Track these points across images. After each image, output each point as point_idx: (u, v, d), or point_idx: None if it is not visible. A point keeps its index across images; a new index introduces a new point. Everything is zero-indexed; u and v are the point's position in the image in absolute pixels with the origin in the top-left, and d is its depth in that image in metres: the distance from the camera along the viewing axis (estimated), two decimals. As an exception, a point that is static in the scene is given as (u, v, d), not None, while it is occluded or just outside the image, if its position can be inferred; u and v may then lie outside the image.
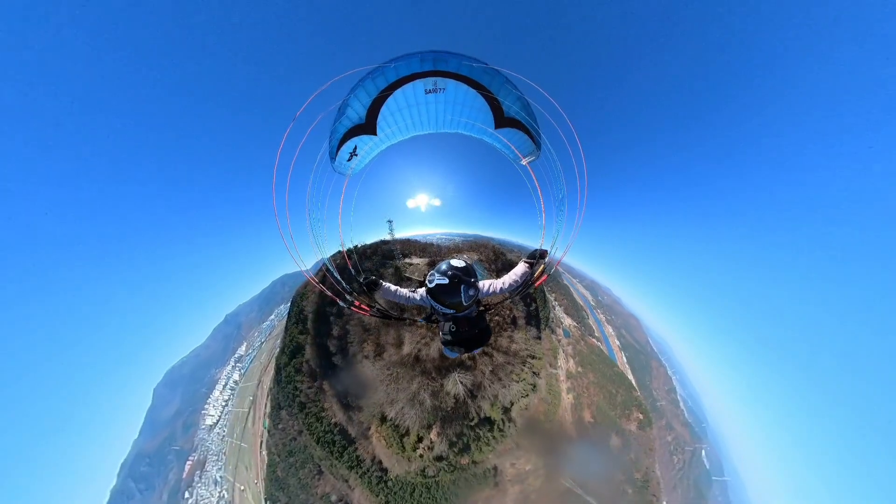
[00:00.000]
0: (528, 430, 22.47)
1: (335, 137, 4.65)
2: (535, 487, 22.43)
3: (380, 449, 23.32)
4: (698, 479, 36.38)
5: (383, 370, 23.13)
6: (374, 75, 4.10)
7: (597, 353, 33.13)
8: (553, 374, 25.95)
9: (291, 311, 31.95)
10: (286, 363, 29.25)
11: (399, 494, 23.00)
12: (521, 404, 23.11)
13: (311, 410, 26.31)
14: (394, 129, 4.83)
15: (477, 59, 3.98)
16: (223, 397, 52.64)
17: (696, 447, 38.02)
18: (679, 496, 32.35)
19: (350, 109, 4.39)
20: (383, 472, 23.46)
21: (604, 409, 26.83)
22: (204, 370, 66.47)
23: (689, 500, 33.50)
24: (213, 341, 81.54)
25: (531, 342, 25.57)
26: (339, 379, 25.63)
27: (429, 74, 4.09)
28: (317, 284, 4.21)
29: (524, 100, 4.28)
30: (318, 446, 25.18)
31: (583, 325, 37.72)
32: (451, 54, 3.98)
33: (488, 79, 4.12)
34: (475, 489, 22.31)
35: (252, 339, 65.54)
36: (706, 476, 37.79)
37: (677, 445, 36.62)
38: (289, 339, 30.12)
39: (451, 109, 4.61)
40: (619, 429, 26.32)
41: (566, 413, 25.66)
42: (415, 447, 22.22)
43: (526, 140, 4.60)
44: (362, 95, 4.27)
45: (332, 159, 4.89)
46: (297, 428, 28.07)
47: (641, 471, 25.18)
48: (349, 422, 25.02)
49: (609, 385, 28.62)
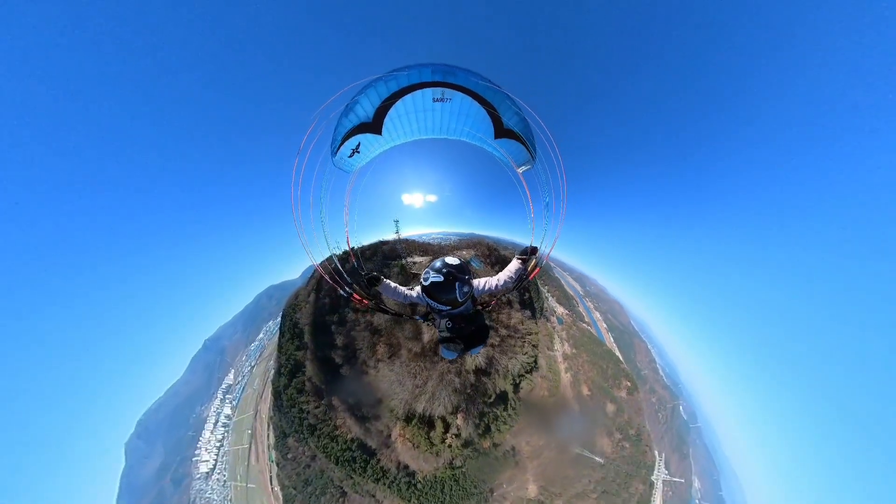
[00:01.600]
0: (536, 409, 24.92)
1: (339, 132, 4.75)
2: (551, 459, 25.11)
3: (405, 453, 23.05)
4: (679, 428, 45.42)
5: (403, 368, 22.54)
6: (387, 79, 4.36)
7: (588, 336, 37.67)
8: (552, 356, 29.14)
9: (284, 327, 30.01)
10: (285, 385, 27.50)
11: (430, 494, 22.96)
12: (527, 386, 24.68)
13: (323, 431, 24.95)
14: (399, 131, 5.09)
15: (482, 77, 4.46)
16: (216, 437, 47.07)
17: (674, 404, 47.10)
18: (666, 443, 40.24)
19: (359, 107, 4.56)
20: (411, 475, 23.22)
21: (598, 381, 31.13)
22: (186, 410, 58.95)
23: (674, 446, 41.67)
24: (192, 374, 72.17)
25: (526, 322, 27.11)
26: (349, 391, 24.42)
27: (438, 85, 4.43)
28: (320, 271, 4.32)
29: (522, 115, 4.82)
30: (338, 467, 24.02)
31: (574, 313, 42.30)
32: (459, 69, 4.40)
33: (491, 94, 4.58)
34: (498, 471, 23.76)
35: (240, 365, 59.54)
36: (685, 425, 47.21)
37: (660, 404, 45.04)
38: (285, 359, 28.30)
39: (455, 118, 5.04)
40: (612, 397, 30.83)
41: (567, 389, 29.08)
42: (443, 438, 22.37)
43: (522, 151, 5.09)
44: (373, 95, 4.48)
45: (333, 154, 4.95)
46: (308, 453, 26.69)
47: (634, 427, 29.99)
48: (367, 434, 24.13)
49: (600, 362, 33.02)
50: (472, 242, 37.05)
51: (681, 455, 40.91)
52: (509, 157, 5.20)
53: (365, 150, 5.10)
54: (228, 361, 63.59)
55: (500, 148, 5.14)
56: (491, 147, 5.29)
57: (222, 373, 60.35)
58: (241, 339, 69.02)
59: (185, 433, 53.33)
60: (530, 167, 5.20)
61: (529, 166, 5.20)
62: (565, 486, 26.09)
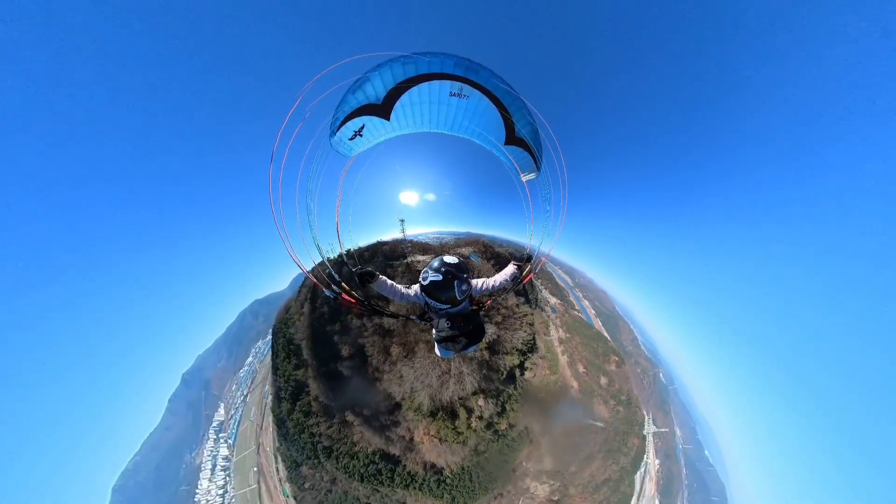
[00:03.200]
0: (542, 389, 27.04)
1: (343, 109, 4.24)
2: (560, 432, 27.88)
3: (430, 451, 22.87)
4: (660, 390, 54.51)
5: (424, 361, 22.06)
6: (405, 61, 3.99)
7: (579, 322, 42.59)
8: (549, 341, 32.25)
9: (276, 345, 28.17)
10: (289, 410, 25.33)
11: (461, 485, 23.11)
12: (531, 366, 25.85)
13: (341, 451, 23.46)
14: (409, 119, 4.71)
15: (503, 80, 4.24)
16: (216, 485, 40.91)
17: (655, 371, 56.62)
18: (651, 404, 48.17)
19: (369, 85, 4.11)
20: (439, 473, 23.01)
21: (591, 359, 35.43)
22: (174, 461, 50.71)
23: (658, 405, 50.08)
24: (174, 417, 61.34)
25: (521, 306, 28.73)
26: (363, 402, 23.23)
27: (458, 79, 4.17)
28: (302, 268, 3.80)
29: (535, 126, 4.74)
30: (363, 484, 22.95)
31: (566, 302, 47.35)
32: (483, 67, 4.19)
33: (509, 100, 4.44)
34: (517, 450, 25.28)
35: (230, 396, 52.24)
36: (664, 388, 56.96)
37: (643, 373, 53.31)
38: (283, 381, 26.25)
39: (469, 117, 4.69)
40: (604, 371, 35.41)
41: (565, 368, 32.31)
42: (468, 423, 22.63)
43: (529, 161, 5.04)
44: (387, 75, 4.07)
45: (333, 134, 4.47)
46: (327, 478, 24.84)
47: (625, 394, 34.90)
48: (389, 442, 23.24)
49: (591, 342, 37.73)
50: (468, 241, 38.62)
51: (664, 412, 49.61)
52: (516, 165, 5.14)
53: (368, 134, 4.62)
54: (216, 394, 56.01)
55: (509, 154, 5.07)
56: (500, 152, 5.18)
57: (210, 409, 53.11)
58: (227, 367, 61.25)
59: (177, 488, 46.30)
60: (535, 177, 5.18)
61: (534, 175, 5.17)
62: (575, 452, 29.20)
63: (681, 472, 46.81)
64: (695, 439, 58.10)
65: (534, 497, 27.16)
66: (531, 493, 27.11)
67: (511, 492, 26.31)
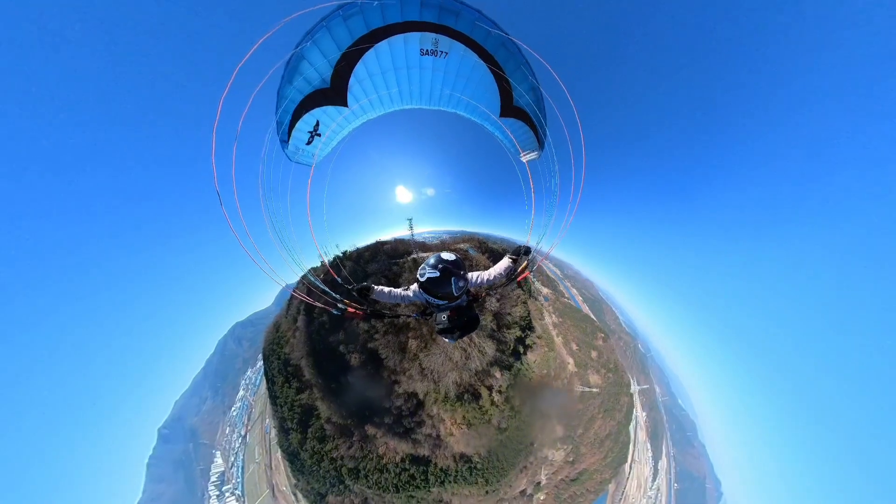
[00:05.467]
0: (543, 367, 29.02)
1: (285, 108, 2.99)
2: (564, 403, 31.36)
3: (458, 441, 22.73)
4: (641, 358, 64.47)
5: (444, 344, 21.45)
6: (348, 14, 2.57)
7: (569, 308, 47.91)
8: (544, 325, 35.46)
9: (270, 371, 25.20)
10: (300, 441, 23.03)
11: (491, 467, 23.54)
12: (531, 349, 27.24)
13: (368, 468, 22.04)
14: (372, 98, 3.33)
15: (497, 25, 2.86)
16: None
17: (635, 343, 64.92)
18: (635, 369, 56.85)
19: (306, 65, 2.77)
20: (468, 460, 23.08)
21: (581, 338, 40.16)
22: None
23: (639, 369, 59.84)
24: (159, 483, 49.56)
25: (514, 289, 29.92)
26: (383, 410, 21.66)
27: (429, 28, 2.77)
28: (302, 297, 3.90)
29: (539, 90, 3.41)
30: (400, 494, 22.13)
31: (556, 291, 52.80)
32: (464, 6, 2.75)
33: (505, 53, 3.06)
34: (531, 425, 27.01)
35: (225, 442, 44.79)
36: (643, 356, 67.62)
37: (626, 345, 62.52)
38: (287, 410, 23.59)
39: (451, 82, 3.38)
40: (593, 346, 40.50)
41: (561, 348, 35.95)
42: (491, 400, 23.13)
43: (530, 136, 3.87)
44: (327, 45, 2.68)
45: (285, 142, 3.30)
46: (357, 501, 23.56)
47: (612, 363, 40.00)
48: (416, 445, 22.32)
49: (581, 324, 42.65)
50: (463, 239, 39.76)
51: (644, 374, 59.68)
52: (516, 141, 3.95)
53: (327, 129, 3.37)
54: (206, 443, 47.92)
55: (507, 128, 3.81)
56: (494, 126, 3.93)
57: (205, 462, 45.35)
58: (214, 408, 52.03)
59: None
60: (537, 156, 4.04)
61: (536, 155, 4.03)
62: (580, 416, 33.38)
63: (662, 419, 56.71)
64: (670, 392, 69.30)
65: (552, 463, 30.05)
66: (550, 461, 29.90)
67: (533, 463, 28.40)
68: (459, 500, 24.07)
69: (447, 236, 51.38)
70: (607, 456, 34.27)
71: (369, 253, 27.50)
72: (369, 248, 28.17)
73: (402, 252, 28.15)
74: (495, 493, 25.56)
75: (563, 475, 31.14)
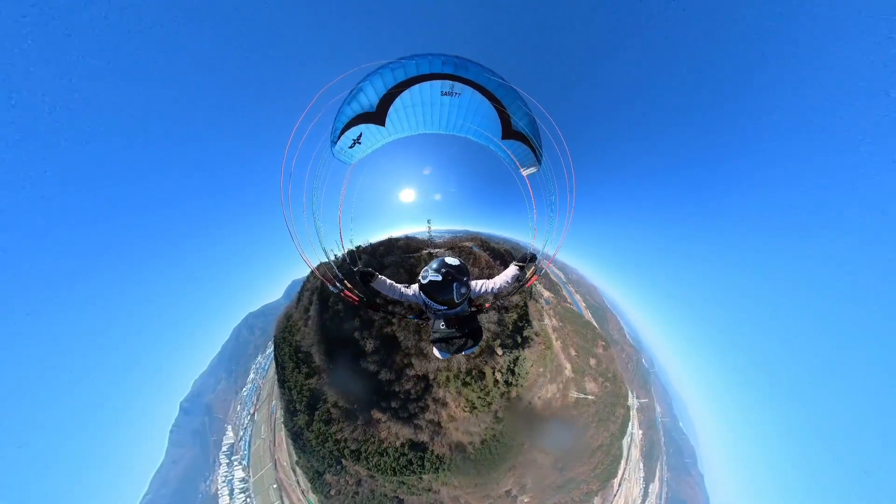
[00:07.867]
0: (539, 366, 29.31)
1: (341, 120, 4.47)
2: (558, 405, 31.14)
3: (456, 429, 23.37)
4: (643, 372, 61.10)
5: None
6: (394, 67, 4.09)
7: (570, 313, 46.83)
8: (543, 328, 34.82)
9: (281, 357, 26.98)
10: (307, 422, 24.42)
11: (483, 458, 24.04)
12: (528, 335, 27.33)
13: (369, 451, 22.98)
14: (403, 123, 4.83)
15: (495, 73, 4.13)
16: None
17: (638, 356, 61.94)
18: (635, 384, 53.90)
19: (362, 95, 4.29)
20: (462, 450, 23.60)
21: (581, 344, 39.40)
22: (188, 492, 48.66)
23: (640, 384, 56.54)
24: (179, 449, 57.60)
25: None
26: (391, 395, 22.36)
27: (448, 77, 4.21)
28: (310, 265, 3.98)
29: (532, 117, 4.58)
30: (397, 477, 22.92)
31: (558, 296, 51.48)
32: (472, 63, 4.17)
33: (503, 92, 4.37)
34: (526, 420, 27.42)
35: (236, 418, 50.66)
36: (646, 370, 63.78)
37: (628, 356, 59.24)
38: (296, 392, 25.04)
39: (462, 114, 4.65)
40: (593, 353, 39.56)
41: (559, 353, 35.38)
42: (494, 380, 23.78)
43: (529, 154, 4.86)
44: (378, 83, 4.21)
45: (333, 143, 4.66)
46: (352, 481, 24.82)
47: (611, 373, 38.79)
48: (417, 430, 23.01)
49: (582, 330, 41.80)
50: (467, 238, 39.82)
51: (645, 390, 56.40)
52: (515, 159, 5.01)
53: (366, 141, 4.80)
54: (220, 418, 53.87)
55: (507, 149, 4.96)
56: (497, 147, 5.09)
57: (218, 434, 51.20)
58: (228, 388, 58.13)
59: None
60: (536, 171, 5.01)
61: (535, 169, 5.01)
62: (573, 423, 32.66)
63: (660, 439, 53.83)
64: (671, 413, 66.44)
65: (541, 466, 29.72)
66: (538, 463, 29.57)
67: (522, 463, 28.50)
68: (448, 491, 24.74)
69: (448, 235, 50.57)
70: (597, 467, 33.67)
71: (383, 248, 28.65)
72: (382, 244, 29.44)
73: (415, 248, 29.14)
74: (483, 487, 26.11)
75: (550, 480, 30.74)
